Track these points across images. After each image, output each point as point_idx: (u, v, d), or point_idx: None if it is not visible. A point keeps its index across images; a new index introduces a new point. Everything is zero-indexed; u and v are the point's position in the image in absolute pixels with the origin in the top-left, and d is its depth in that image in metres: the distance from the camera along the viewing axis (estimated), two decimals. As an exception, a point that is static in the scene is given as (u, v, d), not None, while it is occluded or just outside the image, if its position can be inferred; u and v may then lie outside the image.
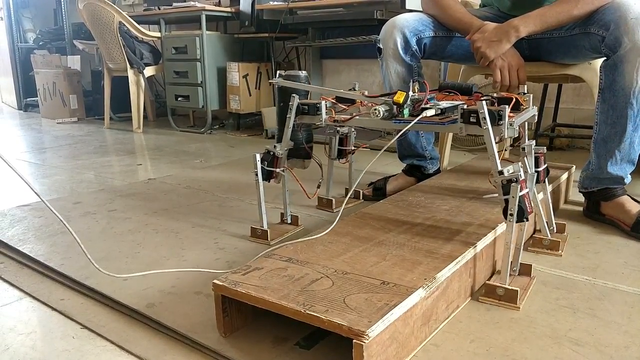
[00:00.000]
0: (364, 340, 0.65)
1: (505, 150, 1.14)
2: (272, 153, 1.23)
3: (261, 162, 1.22)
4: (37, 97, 3.96)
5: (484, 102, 0.93)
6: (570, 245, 1.20)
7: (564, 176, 1.46)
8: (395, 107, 1.04)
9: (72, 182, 1.90)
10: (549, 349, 0.79)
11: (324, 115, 1.17)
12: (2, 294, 1.01)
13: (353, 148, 1.48)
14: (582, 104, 2.43)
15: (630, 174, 1.33)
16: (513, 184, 0.89)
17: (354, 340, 0.66)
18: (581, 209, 1.43)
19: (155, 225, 1.37)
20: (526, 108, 1.09)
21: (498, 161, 0.93)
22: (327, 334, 0.74)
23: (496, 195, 0.93)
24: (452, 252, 0.91)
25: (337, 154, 1.47)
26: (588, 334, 0.83)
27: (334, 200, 1.50)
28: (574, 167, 1.56)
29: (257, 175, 1.22)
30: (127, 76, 3.14)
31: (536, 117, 1.15)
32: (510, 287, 0.93)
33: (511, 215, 0.90)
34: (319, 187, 1.40)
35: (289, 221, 1.35)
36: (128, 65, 3.12)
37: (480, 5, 1.66)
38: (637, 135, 1.28)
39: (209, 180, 1.86)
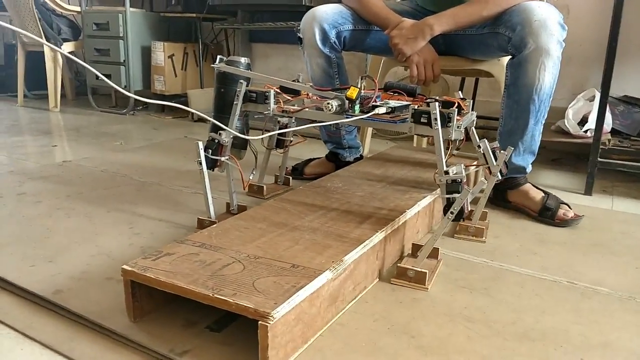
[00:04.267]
0: (269, 322, 0.68)
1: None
2: (216, 141, 1.17)
3: (205, 150, 1.16)
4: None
5: (437, 104, 0.97)
6: (474, 230, 1.29)
7: (473, 167, 1.55)
8: (347, 102, 1.06)
9: (-22, 163, 1.79)
10: (444, 326, 0.85)
11: (272, 105, 1.15)
12: None
13: (291, 139, 1.49)
14: (497, 97, 2.56)
15: (531, 163, 1.45)
16: (465, 186, 0.95)
17: (259, 322, 0.68)
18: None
19: (67, 209, 1.33)
20: (467, 112, 1.14)
21: (444, 161, 0.97)
22: (238, 316, 0.76)
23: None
24: (361, 236, 0.96)
25: (276, 144, 1.47)
26: (480, 311, 0.90)
27: (265, 187, 1.51)
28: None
29: (201, 164, 1.16)
30: (43, 51, 2.97)
31: (475, 122, 1.21)
32: (420, 270, 0.99)
33: (452, 213, 0.95)
34: (251, 176, 1.39)
35: (236, 211, 1.29)
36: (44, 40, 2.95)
37: (401, -2, 1.71)
38: (538, 129, 1.39)
39: (128, 164, 1.82)
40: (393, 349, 0.78)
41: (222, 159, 1.19)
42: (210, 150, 1.17)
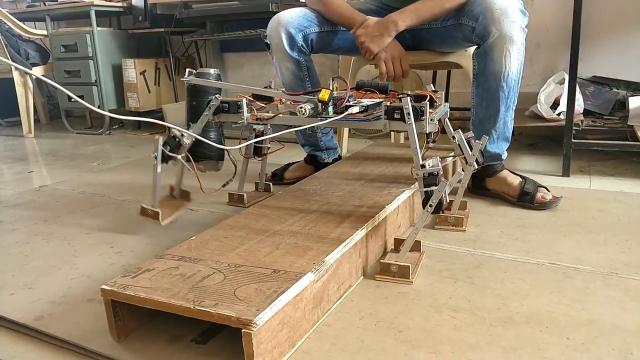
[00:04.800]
0: (252, 329, 0.68)
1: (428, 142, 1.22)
2: (177, 140, 1.19)
3: (164, 146, 1.18)
4: None
5: (408, 99, 0.97)
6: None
7: (450, 159, 1.56)
8: (320, 104, 1.06)
9: (-48, 196, 1.75)
10: (430, 318, 0.85)
11: (245, 114, 1.16)
12: None
13: (269, 146, 1.48)
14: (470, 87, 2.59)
15: (506, 150, 1.46)
16: (442, 178, 0.95)
17: (243, 330, 0.68)
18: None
19: (45, 234, 1.31)
20: (440, 104, 1.14)
21: (420, 155, 0.98)
22: (224, 327, 0.75)
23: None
24: (341, 235, 0.96)
25: (254, 152, 1.46)
26: (465, 300, 0.91)
27: (245, 195, 1.50)
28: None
29: (156, 158, 1.18)
30: (13, 78, 2.93)
31: (449, 113, 1.22)
32: (402, 264, 0.99)
33: (430, 206, 0.96)
34: (225, 185, 1.38)
35: (178, 197, 1.35)
36: (12, 67, 2.91)
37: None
38: (509, 115, 1.40)
39: (106, 184, 1.80)
40: (380, 345, 0.78)
41: (178, 157, 1.21)
42: (169, 147, 1.19)
